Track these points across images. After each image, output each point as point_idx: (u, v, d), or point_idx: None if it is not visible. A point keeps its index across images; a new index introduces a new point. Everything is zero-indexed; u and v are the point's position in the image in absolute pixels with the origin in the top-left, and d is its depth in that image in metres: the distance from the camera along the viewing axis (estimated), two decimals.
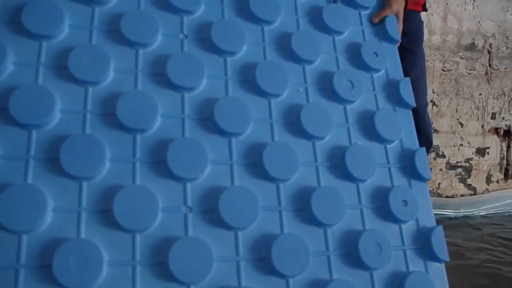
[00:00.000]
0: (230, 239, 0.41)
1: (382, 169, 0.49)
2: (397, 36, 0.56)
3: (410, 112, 0.53)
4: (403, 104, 0.53)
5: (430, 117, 1.49)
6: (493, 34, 1.46)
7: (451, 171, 1.59)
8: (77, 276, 0.36)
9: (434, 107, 1.48)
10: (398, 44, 0.57)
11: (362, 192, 0.47)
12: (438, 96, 1.46)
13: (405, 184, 0.49)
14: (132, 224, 0.39)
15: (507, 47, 1.49)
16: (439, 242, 0.46)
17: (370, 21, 0.57)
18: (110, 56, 0.44)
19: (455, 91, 1.46)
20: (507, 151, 1.61)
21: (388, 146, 0.50)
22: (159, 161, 0.42)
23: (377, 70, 0.54)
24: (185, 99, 0.45)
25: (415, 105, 0.53)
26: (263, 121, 0.47)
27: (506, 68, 1.51)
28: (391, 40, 0.56)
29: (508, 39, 1.48)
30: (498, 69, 1.47)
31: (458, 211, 1.68)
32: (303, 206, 0.44)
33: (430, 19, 1.38)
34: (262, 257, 0.40)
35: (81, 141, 0.41)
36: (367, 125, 0.51)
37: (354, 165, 0.47)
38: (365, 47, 0.54)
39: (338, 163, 0.47)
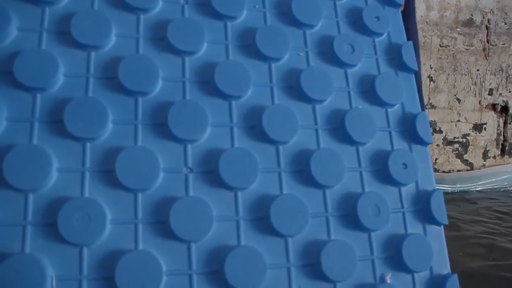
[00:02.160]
0: (230, 199, 0.40)
1: (382, 133, 0.48)
2: None
3: (413, 76, 0.52)
4: (405, 68, 0.51)
5: (428, 93, 1.48)
6: (491, 10, 1.43)
7: (448, 146, 1.58)
8: (81, 232, 0.36)
9: (432, 83, 1.46)
10: (402, 8, 0.55)
11: (362, 155, 0.46)
12: (436, 72, 1.44)
13: (406, 147, 0.48)
14: (134, 184, 0.38)
15: (505, 23, 1.46)
16: (438, 205, 0.46)
17: None
18: (111, 21, 0.43)
19: (453, 67, 1.44)
20: (504, 127, 1.60)
21: (389, 110, 0.49)
22: (160, 123, 0.41)
23: (379, 34, 0.52)
24: (186, 63, 0.44)
25: (417, 69, 0.52)
26: (263, 84, 0.46)
27: (504, 44, 1.48)
28: (394, 4, 0.54)
29: (506, 14, 1.44)
30: (496, 45, 1.44)
31: (455, 186, 1.66)
32: (302, 168, 0.43)
33: None
34: (261, 216, 0.40)
35: (84, 104, 0.40)
36: (368, 89, 0.49)
37: (354, 128, 0.46)
38: (366, 11, 0.52)
39: (338, 126, 0.47)
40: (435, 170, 1.64)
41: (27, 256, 0.35)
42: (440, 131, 1.56)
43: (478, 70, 1.45)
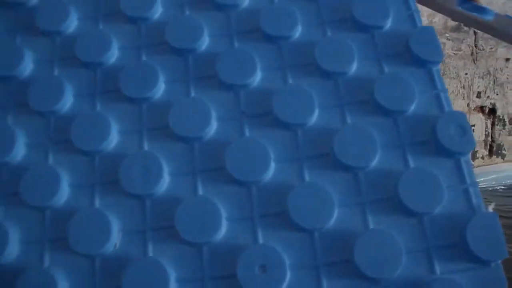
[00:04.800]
0: (288, 139, 0.31)
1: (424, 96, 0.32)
2: None
3: None
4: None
5: None
6: None
7: None
8: (141, 184, 0.30)
9: None
10: None
11: (402, 126, 0.31)
12: None
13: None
14: (188, 133, 0.31)
15: None
16: None
17: None
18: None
19: (442, 71, 1.23)
20: (491, 129, 1.38)
21: (434, 69, 0.33)
22: (211, 75, 0.34)
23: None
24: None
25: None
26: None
27: (491, 48, 1.27)
28: None
29: None
30: (483, 49, 1.23)
31: None
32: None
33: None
34: (325, 152, 0.30)
35: (137, 68, 0.34)
36: (402, 51, 0.33)
37: (387, 97, 0.31)
38: None
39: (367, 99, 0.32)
40: None
41: (96, 210, 0.29)
42: None
43: (466, 74, 1.25)
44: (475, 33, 1.25)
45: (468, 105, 1.36)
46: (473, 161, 1.46)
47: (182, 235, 0.27)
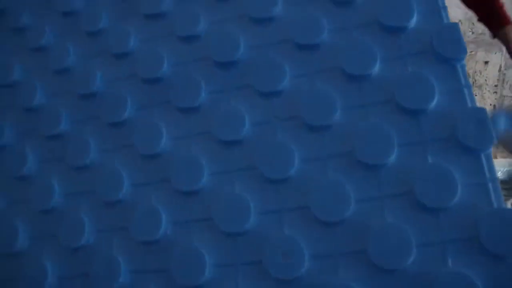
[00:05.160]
0: (314, 140, 0.34)
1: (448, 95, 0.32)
2: None
3: None
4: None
5: None
6: (460, 20, 1.25)
7: None
8: (187, 183, 0.35)
9: None
10: None
11: (424, 124, 0.32)
12: None
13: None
14: (229, 137, 0.36)
15: (472, 32, 1.28)
16: None
17: None
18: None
19: None
20: None
21: (458, 65, 0.33)
22: (247, 85, 0.38)
23: None
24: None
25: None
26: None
27: (471, 51, 1.30)
28: None
29: (473, 24, 1.27)
30: None
31: None
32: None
33: None
34: (347, 151, 0.33)
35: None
36: (427, 49, 0.34)
37: (409, 96, 0.32)
38: None
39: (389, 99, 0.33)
40: None
41: (152, 207, 0.35)
42: None
43: None
44: None
45: None
46: None
47: (219, 227, 0.32)
